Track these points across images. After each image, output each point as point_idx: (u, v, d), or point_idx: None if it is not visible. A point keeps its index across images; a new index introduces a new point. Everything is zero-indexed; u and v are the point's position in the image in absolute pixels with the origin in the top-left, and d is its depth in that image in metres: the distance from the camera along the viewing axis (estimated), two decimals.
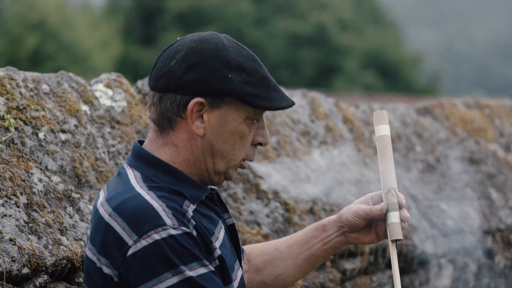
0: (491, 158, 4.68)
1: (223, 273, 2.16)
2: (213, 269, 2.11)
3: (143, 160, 2.21)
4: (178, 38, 2.25)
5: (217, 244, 2.18)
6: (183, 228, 2.08)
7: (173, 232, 2.06)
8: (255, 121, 2.22)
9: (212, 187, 2.34)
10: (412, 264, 3.94)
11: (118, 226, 2.08)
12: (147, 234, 2.05)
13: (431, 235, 3.99)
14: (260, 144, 2.27)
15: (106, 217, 2.11)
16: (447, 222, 4.08)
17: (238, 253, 2.34)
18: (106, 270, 2.10)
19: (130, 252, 2.06)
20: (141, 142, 2.29)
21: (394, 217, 2.34)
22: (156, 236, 2.05)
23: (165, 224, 2.06)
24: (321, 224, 2.50)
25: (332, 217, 2.49)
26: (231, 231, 2.34)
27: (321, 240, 2.49)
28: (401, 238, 2.33)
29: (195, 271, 2.06)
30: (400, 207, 2.35)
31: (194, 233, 2.10)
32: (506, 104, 5.31)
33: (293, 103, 2.23)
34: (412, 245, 3.88)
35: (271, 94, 2.19)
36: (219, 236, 2.22)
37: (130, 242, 2.06)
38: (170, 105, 2.17)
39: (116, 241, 2.08)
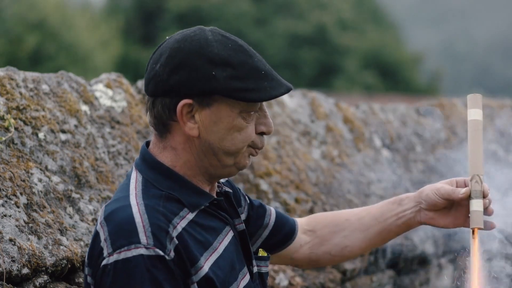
0: (491, 158, 4.67)
1: None
2: None
3: (147, 163, 2.18)
4: (167, 37, 2.19)
5: (211, 259, 2.11)
6: (157, 250, 2.01)
7: (143, 251, 2.00)
8: (252, 112, 2.14)
9: (226, 189, 2.30)
10: (412, 264, 3.93)
11: (103, 236, 2.05)
12: (120, 249, 2.01)
13: (431, 235, 3.99)
14: (264, 133, 2.19)
15: (98, 223, 2.09)
16: None
17: (248, 259, 2.27)
18: (89, 279, 2.09)
19: (102, 263, 2.03)
20: (149, 144, 2.25)
21: (476, 205, 2.28)
22: (128, 254, 2.00)
23: (139, 242, 2.01)
24: (398, 198, 2.46)
25: (412, 193, 2.44)
26: (242, 237, 2.27)
27: (395, 214, 2.44)
28: (482, 227, 2.26)
29: None
30: (484, 196, 2.28)
31: (172, 255, 2.03)
32: (506, 104, 5.31)
33: (289, 88, 2.14)
34: (412, 245, 3.88)
35: (263, 84, 2.10)
36: (219, 247, 2.15)
37: (105, 253, 2.03)
38: (161, 109, 2.12)
39: (98, 249, 2.05)
